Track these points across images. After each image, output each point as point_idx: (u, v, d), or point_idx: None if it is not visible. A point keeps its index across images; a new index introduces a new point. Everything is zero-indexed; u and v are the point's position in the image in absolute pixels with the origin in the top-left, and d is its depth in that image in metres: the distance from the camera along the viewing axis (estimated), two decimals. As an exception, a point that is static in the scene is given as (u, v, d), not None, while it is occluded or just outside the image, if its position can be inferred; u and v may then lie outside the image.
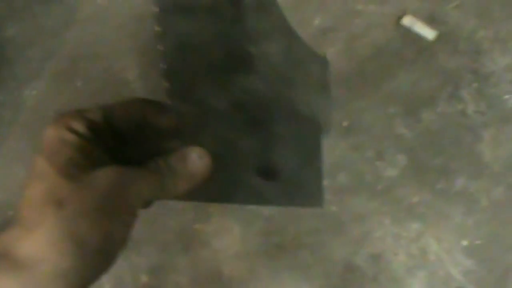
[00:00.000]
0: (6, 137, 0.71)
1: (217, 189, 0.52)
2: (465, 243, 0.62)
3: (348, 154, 0.66)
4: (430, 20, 0.70)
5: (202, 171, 0.49)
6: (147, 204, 0.48)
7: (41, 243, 0.42)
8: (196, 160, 0.48)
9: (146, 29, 0.74)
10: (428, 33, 0.69)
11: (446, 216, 0.63)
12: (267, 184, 0.55)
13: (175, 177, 0.47)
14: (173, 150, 0.49)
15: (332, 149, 0.66)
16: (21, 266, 0.42)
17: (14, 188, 0.69)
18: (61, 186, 0.43)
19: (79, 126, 0.46)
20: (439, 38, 0.69)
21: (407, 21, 0.70)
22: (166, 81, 0.49)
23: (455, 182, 0.64)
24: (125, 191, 0.44)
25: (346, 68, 0.69)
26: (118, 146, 0.48)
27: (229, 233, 0.64)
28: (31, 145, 0.70)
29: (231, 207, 0.64)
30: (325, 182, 0.64)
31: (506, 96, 0.66)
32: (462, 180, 0.64)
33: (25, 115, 0.72)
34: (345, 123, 0.67)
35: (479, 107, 0.66)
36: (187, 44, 0.46)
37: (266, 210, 0.64)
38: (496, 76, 0.67)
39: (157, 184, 0.46)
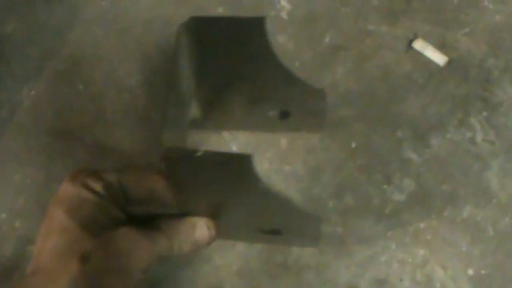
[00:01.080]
0: (2, 136, 0.69)
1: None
2: (471, 272, 0.61)
3: (356, 175, 0.65)
4: (441, 45, 0.69)
5: (208, 240, 0.54)
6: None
7: None
8: (204, 230, 0.53)
9: (151, 34, 0.73)
10: (439, 58, 0.69)
11: (452, 244, 0.62)
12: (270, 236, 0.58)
13: (182, 242, 0.52)
14: (177, 215, 0.53)
15: (340, 170, 0.65)
16: None
17: (7, 190, 0.67)
18: (85, 241, 0.47)
19: (96, 186, 0.49)
20: (449, 64, 0.69)
21: (418, 45, 0.69)
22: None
23: (462, 210, 0.63)
24: (141, 251, 0.48)
25: (355, 88, 0.68)
26: (127, 206, 0.51)
27: (231, 249, 0.62)
28: (27, 146, 0.68)
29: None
30: (331, 203, 0.64)
31: (515, 126, 0.66)
32: (469, 209, 0.63)
33: (22, 115, 0.70)
34: (353, 144, 0.66)
35: (488, 136, 0.66)
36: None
37: (271, 228, 0.63)
38: (506, 106, 0.67)
39: (167, 246, 0.51)
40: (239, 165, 0.43)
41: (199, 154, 0.42)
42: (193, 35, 0.51)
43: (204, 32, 0.51)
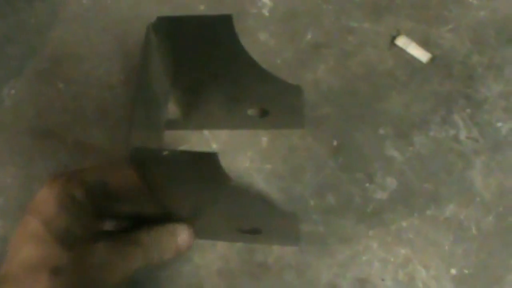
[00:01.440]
0: (-19, 136, 0.68)
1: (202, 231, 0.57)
2: (453, 271, 0.60)
3: (337, 174, 0.64)
4: (424, 42, 0.69)
5: (188, 247, 0.54)
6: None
7: None
8: (183, 236, 0.54)
9: (132, 33, 0.72)
10: (422, 55, 0.68)
11: (435, 243, 0.61)
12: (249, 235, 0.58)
13: (163, 251, 0.53)
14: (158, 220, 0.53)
15: (321, 168, 0.64)
16: None
17: (-14, 191, 0.66)
18: (58, 254, 0.46)
19: (78, 192, 0.49)
20: (432, 61, 0.68)
21: (401, 41, 0.69)
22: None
23: (444, 208, 0.63)
24: (116, 267, 0.48)
25: (337, 86, 0.68)
26: (109, 204, 0.51)
27: (212, 249, 0.62)
28: (7, 145, 0.68)
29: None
30: (313, 202, 0.63)
31: (499, 124, 0.65)
32: (452, 207, 0.63)
33: (2, 114, 0.69)
34: (335, 142, 0.65)
35: (471, 134, 0.65)
36: None
37: (251, 228, 0.62)
38: (489, 103, 0.66)
39: (145, 258, 0.51)
40: (206, 164, 0.43)
41: (165, 153, 0.41)
42: (162, 36, 0.51)
43: (173, 32, 0.50)
